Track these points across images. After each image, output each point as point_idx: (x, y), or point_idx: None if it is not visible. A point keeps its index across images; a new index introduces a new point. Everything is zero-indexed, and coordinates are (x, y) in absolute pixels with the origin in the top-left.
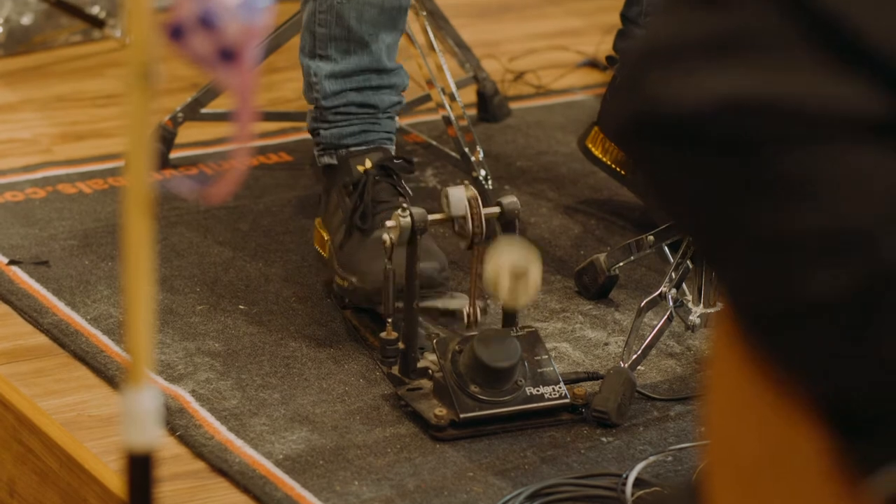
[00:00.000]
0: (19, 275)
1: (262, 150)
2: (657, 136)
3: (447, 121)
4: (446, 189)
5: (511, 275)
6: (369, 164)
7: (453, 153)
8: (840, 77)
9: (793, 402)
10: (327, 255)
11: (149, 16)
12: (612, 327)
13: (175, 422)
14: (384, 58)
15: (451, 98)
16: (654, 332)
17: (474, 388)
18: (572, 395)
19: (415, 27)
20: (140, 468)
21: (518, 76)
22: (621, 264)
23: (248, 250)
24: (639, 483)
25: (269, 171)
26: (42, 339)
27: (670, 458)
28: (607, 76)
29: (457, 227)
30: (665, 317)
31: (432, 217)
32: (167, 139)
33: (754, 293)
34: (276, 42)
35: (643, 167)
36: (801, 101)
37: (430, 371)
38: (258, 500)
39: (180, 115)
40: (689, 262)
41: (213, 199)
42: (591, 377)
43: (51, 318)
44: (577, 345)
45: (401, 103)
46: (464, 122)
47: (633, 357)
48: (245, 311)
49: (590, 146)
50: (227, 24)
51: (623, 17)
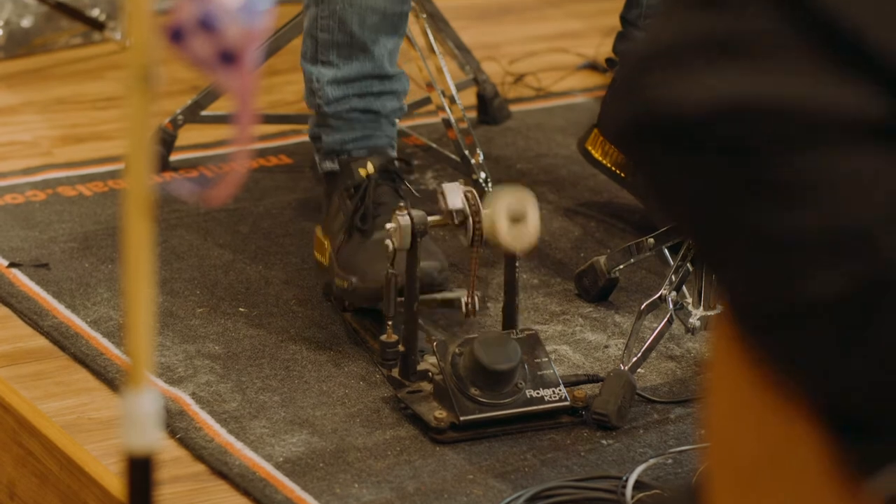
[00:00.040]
0: (19, 277)
1: (262, 153)
2: (657, 139)
3: (447, 123)
4: (441, 185)
5: (509, 219)
6: (371, 168)
7: (453, 156)
8: (840, 78)
9: (792, 404)
10: (327, 262)
11: (149, 18)
12: (612, 330)
13: (175, 424)
14: (386, 63)
15: (451, 100)
16: (654, 334)
17: (474, 391)
18: (572, 397)
19: (415, 29)
20: (140, 471)
21: (518, 78)
22: (621, 267)
23: (248, 253)
24: (639, 486)
25: (269, 174)
26: (42, 342)
27: (670, 461)
28: (607, 78)
29: (456, 221)
30: (665, 319)
31: (432, 219)
32: (167, 142)
33: (754, 294)
34: (276, 44)
35: (643, 169)
36: (801, 103)
37: (430, 374)
38: (258, 502)
39: (180, 117)
40: (689, 264)
41: (213, 202)
42: (591, 380)
43: (51, 321)
44: (577, 347)
45: (402, 109)
46: (464, 125)
47: (634, 360)
48: (245, 314)
49: (590, 148)
50: (228, 26)
51: (623, 20)
